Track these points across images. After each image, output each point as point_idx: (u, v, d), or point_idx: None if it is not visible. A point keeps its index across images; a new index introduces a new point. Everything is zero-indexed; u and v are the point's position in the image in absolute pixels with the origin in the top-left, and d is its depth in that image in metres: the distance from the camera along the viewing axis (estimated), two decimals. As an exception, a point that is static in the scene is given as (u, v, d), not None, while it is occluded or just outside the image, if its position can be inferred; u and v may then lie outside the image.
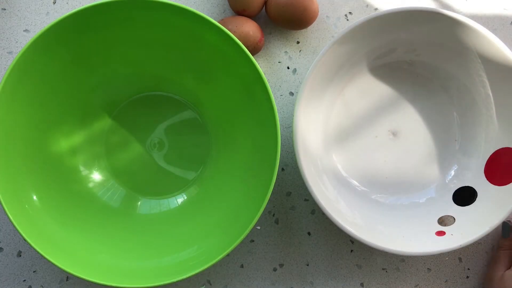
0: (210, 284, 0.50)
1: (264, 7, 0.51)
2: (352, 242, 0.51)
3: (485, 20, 0.54)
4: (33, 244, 0.40)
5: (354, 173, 0.51)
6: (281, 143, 0.50)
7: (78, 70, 0.46)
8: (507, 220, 0.50)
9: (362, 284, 0.51)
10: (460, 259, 0.52)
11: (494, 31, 0.53)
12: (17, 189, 0.42)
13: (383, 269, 0.51)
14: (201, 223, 0.47)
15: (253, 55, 0.50)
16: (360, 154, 0.51)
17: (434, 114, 0.51)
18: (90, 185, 0.49)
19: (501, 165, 0.48)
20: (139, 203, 0.50)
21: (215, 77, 0.47)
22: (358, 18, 0.53)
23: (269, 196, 0.42)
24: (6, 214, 0.40)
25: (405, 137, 0.51)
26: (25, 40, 0.51)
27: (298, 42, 0.53)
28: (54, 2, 0.52)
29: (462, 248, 0.46)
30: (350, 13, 0.53)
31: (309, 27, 0.52)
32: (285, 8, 0.49)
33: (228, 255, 0.42)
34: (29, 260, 0.49)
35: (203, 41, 0.44)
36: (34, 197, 0.44)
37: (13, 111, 0.42)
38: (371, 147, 0.51)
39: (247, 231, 0.42)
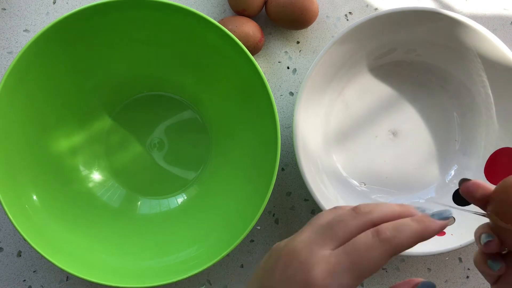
0: (210, 284, 0.50)
1: (264, 7, 0.51)
2: (352, 242, 0.51)
3: (485, 20, 0.54)
4: (33, 244, 0.40)
5: (354, 173, 0.51)
6: (281, 143, 0.50)
7: (78, 70, 0.46)
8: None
9: (362, 284, 0.51)
10: (460, 259, 0.52)
11: (494, 31, 0.53)
12: (17, 189, 0.42)
13: (383, 269, 0.51)
14: (201, 223, 0.47)
15: (253, 55, 0.50)
16: (360, 154, 0.51)
17: (434, 114, 0.51)
18: (90, 185, 0.49)
19: (501, 165, 0.48)
20: (139, 203, 0.50)
21: (215, 77, 0.47)
22: (358, 18, 0.53)
23: (269, 196, 0.42)
24: (6, 214, 0.40)
25: (405, 137, 0.51)
26: (25, 40, 0.51)
27: (298, 42, 0.53)
28: (54, 2, 0.52)
29: (462, 248, 0.46)
30: (350, 13, 0.53)
31: (309, 27, 0.52)
32: (285, 8, 0.49)
33: (228, 255, 0.42)
34: (29, 260, 0.49)
35: (203, 41, 0.44)
36: (34, 197, 0.44)
37: (13, 111, 0.42)
38: (371, 147, 0.51)
39: (247, 231, 0.42)
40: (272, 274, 0.26)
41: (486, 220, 0.32)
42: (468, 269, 0.51)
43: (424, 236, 0.25)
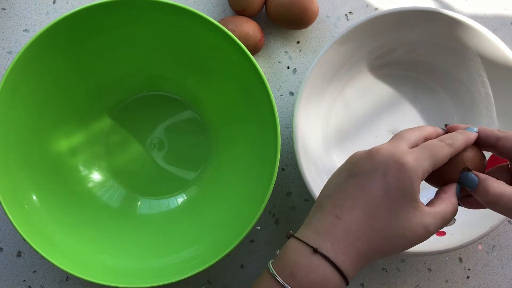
0: (210, 284, 0.50)
1: (264, 7, 0.51)
2: (352, 242, 0.51)
3: (485, 20, 0.54)
4: (33, 244, 0.40)
5: (354, 173, 0.50)
6: (281, 143, 0.50)
7: (78, 69, 0.46)
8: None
9: (362, 284, 0.51)
10: (460, 259, 0.52)
11: (494, 31, 0.53)
12: (17, 189, 0.42)
13: (383, 269, 0.51)
14: (201, 223, 0.47)
15: (253, 55, 0.50)
16: (360, 154, 0.51)
17: (434, 114, 0.51)
18: (90, 185, 0.49)
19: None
20: (139, 203, 0.50)
21: (215, 77, 0.47)
22: (358, 18, 0.53)
23: (269, 196, 0.42)
24: (6, 214, 0.40)
25: (405, 137, 0.51)
26: (25, 40, 0.51)
27: (298, 42, 0.53)
28: (54, 2, 0.51)
29: (462, 248, 0.46)
30: (350, 13, 0.53)
31: (309, 27, 0.52)
32: (285, 8, 0.49)
33: (228, 255, 0.42)
34: (29, 260, 0.49)
35: (203, 41, 0.44)
36: (34, 197, 0.44)
37: (13, 111, 0.42)
38: (371, 147, 0.51)
39: (247, 231, 0.42)
40: (360, 163, 0.33)
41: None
42: (468, 269, 0.51)
43: (467, 142, 0.34)
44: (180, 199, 0.50)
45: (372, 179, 0.32)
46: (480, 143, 0.35)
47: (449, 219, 0.33)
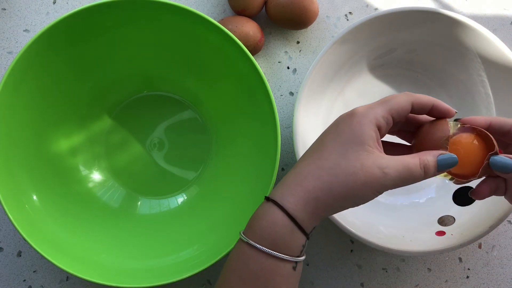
0: (210, 284, 0.50)
1: (264, 7, 0.51)
2: (352, 242, 0.51)
3: (485, 20, 0.54)
4: (33, 244, 0.40)
5: (354, 173, 0.50)
6: (281, 143, 0.50)
7: (78, 70, 0.46)
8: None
9: (362, 284, 0.51)
10: (460, 259, 0.52)
11: (494, 31, 0.53)
12: (17, 189, 0.42)
13: (383, 269, 0.51)
14: (201, 223, 0.47)
15: (253, 55, 0.50)
16: (360, 154, 0.51)
17: (434, 114, 0.51)
18: (90, 185, 0.49)
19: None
20: (139, 203, 0.50)
21: (215, 77, 0.47)
22: (358, 18, 0.53)
23: (269, 196, 0.42)
24: (6, 214, 0.40)
25: (405, 137, 0.51)
26: (25, 40, 0.51)
27: (298, 42, 0.53)
28: (54, 2, 0.52)
29: (462, 248, 0.46)
30: (350, 13, 0.53)
31: (309, 27, 0.52)
32: (285, 8, 0.49)
33: (228, 255, 0.42)
34: (29, 260, 0.49)
35: (203, 41, 0.44)
36: (34, 197, 0.44)
37: (13, 111, 0.42)
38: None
39: (247, 231, 0.42)
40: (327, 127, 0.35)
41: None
42: (468, 269, 0.51)
43: (436, 103, 0.34)
44: (180, 199, 0.50)
45: (327, 133, 0.34)
46: (495, 132, 0.35)
47: (414, 170, 0.33)
